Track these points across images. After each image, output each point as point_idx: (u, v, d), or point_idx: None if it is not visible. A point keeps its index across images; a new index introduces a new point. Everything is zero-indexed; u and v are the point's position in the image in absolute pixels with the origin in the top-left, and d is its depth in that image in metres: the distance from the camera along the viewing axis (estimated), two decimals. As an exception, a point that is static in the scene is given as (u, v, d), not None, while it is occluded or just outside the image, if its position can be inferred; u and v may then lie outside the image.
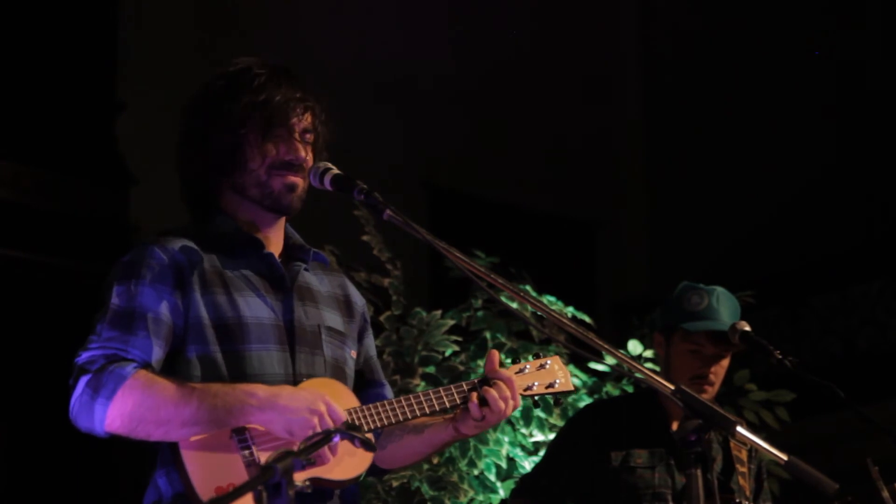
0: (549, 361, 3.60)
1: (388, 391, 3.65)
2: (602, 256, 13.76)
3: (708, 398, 4.57)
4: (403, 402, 3.39)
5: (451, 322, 6.24)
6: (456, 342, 6.23)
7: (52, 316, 8.99)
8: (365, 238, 6.35)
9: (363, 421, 3.33)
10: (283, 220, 3.53)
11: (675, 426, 4.69)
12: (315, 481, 3.24)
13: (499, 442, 6.01)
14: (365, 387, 3.60)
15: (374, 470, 3.62)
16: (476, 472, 5.99)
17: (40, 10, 9.70)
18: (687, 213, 13.41)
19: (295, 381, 3.34)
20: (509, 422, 6.02)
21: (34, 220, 9.48)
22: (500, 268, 6.20)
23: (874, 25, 12.56)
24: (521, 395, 3.49)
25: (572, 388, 3.64)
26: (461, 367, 6.08)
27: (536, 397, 3.59)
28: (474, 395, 3.40)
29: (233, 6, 11.01)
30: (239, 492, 2.67)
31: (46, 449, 8.87)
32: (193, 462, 3.19)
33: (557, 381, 3.58)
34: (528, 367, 3.57)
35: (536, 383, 3.55)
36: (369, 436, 3.31)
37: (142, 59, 10.26)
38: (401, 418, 3.38)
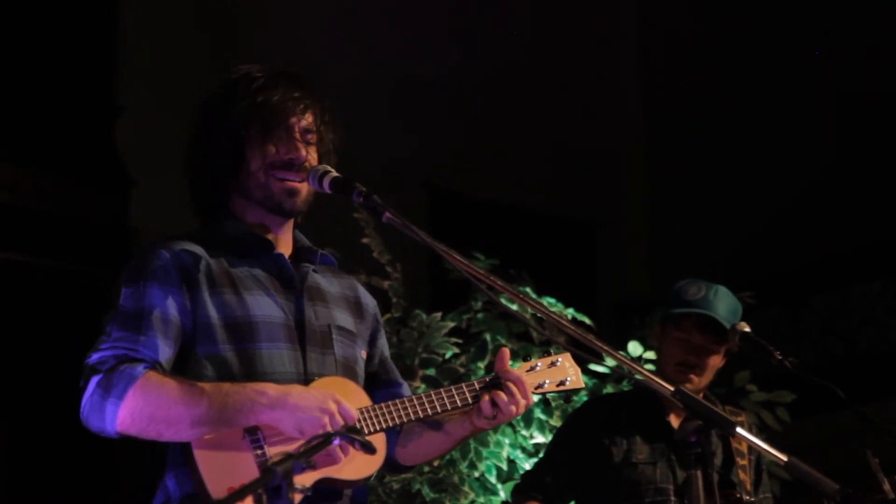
0: (560, 359, 3.58)
1: (406, 390, 3.65)
2: (602, 257, 13.75)
3: (693, 389, 4.60)
4: (416, 401, 3.39)
5: (451, 324, 6.25)
6: (456, 344, 6.23)
7: (53, 318, 8.99)
8: (365, 240, 6.35)
9: (375, 420, 3.33)
10: (291, 223, 3.55)
11: (672, 419, 4.72)
12: (326, 481, 3.25)
13: (499, 444, 6.01)
14: (382, 387, 3.61)
15: (397, 467, 3.64)
16: (477, 474, 5.99)
17: (40, 14, 9.71)
18: (687, 213, 13.40)
19: (306, 380, 3.35)
20: (510, 424, 6.03)
21: (34, 223, 9.49)
22: (500, 269, 6.20)
23: (873, 24, 12.55)
24: (532, 392, 3.48)
25: (583, 385, 3.62)
26: (461, 369, 6.09)
27: (548, 395, 3.58)
28: (486, 395, 3.41)
29: (232, 8, 11.01)
30: (239, 495, 2.68)
31: (47, 451, 8.87)
32: (206, 462, 3.19)
33: (569, 378, 3.57)
34: (539, 364, 3.56)
35: (547, 381, 3.54)
36: (378, 436, 3.32)
37: (141, 62, 10.26)
38: (412, 417, 3.38)
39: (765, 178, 12.83)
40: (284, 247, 3.53)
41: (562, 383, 3.56)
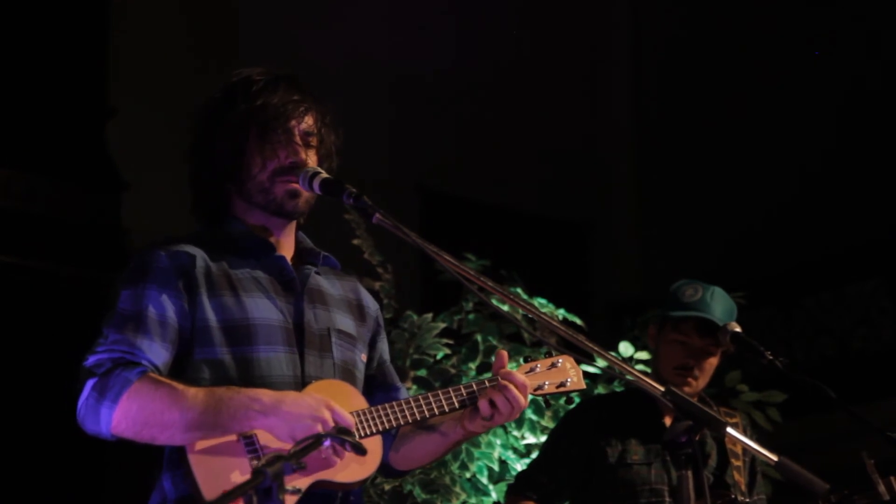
0: (560, 360, 3.56)
1: (403, 393, 3.65)
2: (594, 258, 13.76)
3: (691, 392, 4.61)
4: (412, 404, 3.38)
5: (443, 325, 6.25)
6: (447, 345, 6.23)
7: (44, 321, 8.98)
8: (356, 242, 6.35)
9: (371, 422, 3.32)
10: (293, 225, 3.55)
11: (667, 420, 4.72)
12: (321, 484, 3.24)
13: (490, 445, 6.01)
14: (379, 390, 3.61)
15: (391, 472, 3.64)
16: (468, 475, 5.99)
17: (31, 16, 9.69)
18: (679, 213, 13.41)
19: (303, 383, 3.35)
20: (501, 424, 6.02)
21: (25, 226, 9.47)
22: (492, 270, 6.20)
23: (871, 24, 12.56)
24: (531, 395, 3.46)
25: (584, 387, 3.59)
26: (453, 370, 6.08)
27: (548, 397, 3.55)
28: (484, 397, 3.38)
29: (224, 10, 11.00)
30: (230, 496, 2.67)
31: (39, 453, 8.86)
32: (200, 466, 3.19)
33: (569, 379, 3.54)
34: (538, 366, 3.54)
35: (547, 383, 3.52)
36: (373, 439, 3.32)
37: (132, 64, 10.25)
38: (409, 419, 3.37)
39: (756, 179, 12.84)
40: (286, 249, 3.53)
41: (562, 385, 3.53)
